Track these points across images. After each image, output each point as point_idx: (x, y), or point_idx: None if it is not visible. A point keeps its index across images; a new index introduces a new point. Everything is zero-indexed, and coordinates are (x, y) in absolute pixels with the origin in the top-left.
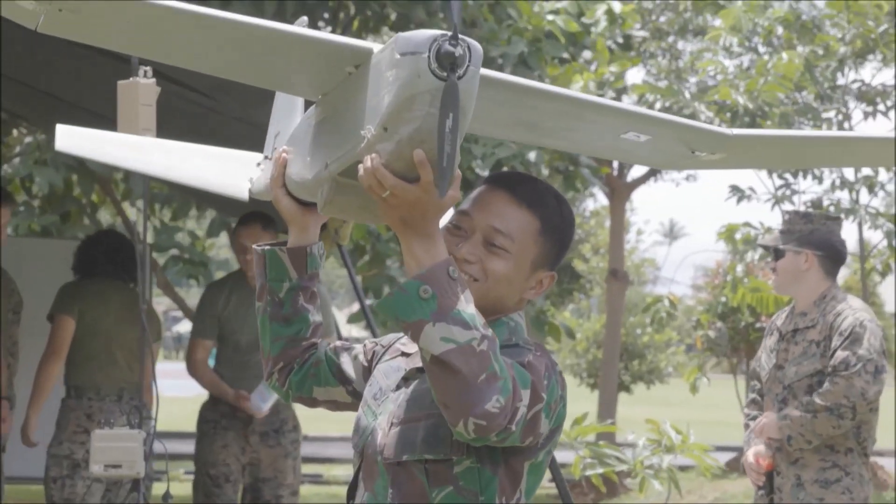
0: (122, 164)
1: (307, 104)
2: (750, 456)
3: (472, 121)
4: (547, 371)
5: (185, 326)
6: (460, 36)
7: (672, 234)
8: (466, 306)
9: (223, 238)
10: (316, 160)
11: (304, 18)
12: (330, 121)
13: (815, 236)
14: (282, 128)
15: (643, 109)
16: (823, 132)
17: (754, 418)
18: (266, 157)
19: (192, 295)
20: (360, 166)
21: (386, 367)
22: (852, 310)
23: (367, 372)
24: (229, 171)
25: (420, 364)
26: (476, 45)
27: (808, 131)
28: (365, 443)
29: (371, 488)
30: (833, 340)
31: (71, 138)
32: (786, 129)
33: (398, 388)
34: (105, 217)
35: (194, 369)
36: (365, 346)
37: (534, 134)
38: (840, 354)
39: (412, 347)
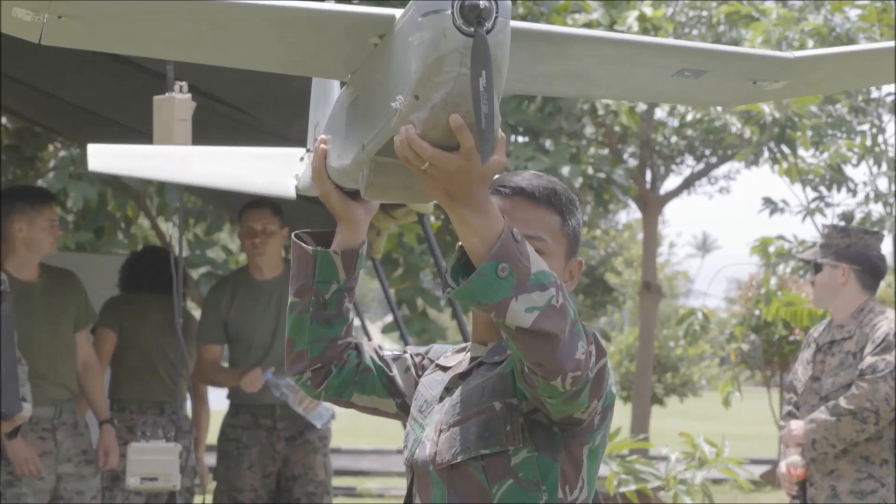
0: (159, 177)
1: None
2: (783, 466)
3: (515, 79)
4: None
5: None
6: None
7: (705, 246)
8: (538, 265)
9: None
10: (353, 143)
11: None
12: (362, 99)
13: (851, 250)
14: (320, 117)
15: (696, 44)
16: (879, 44)
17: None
18: (308, 150)
19: None
20: (396, 138)
21: (429, 380)
22: (889, 321)
23: (417, 386)
24: (273, 170)
25: (461, 370)
26: None
27: (870, 44)
28: (413, 456)
29: (427, 499)
30: (868, 349)
31: (103, 157)
32: (852, 46)
33: (441, 398)
34: (139, 232)
35: (201, 376)
36: (414, 359)
37: (582, 84)
38: (869, 360)
39: (450, 361)
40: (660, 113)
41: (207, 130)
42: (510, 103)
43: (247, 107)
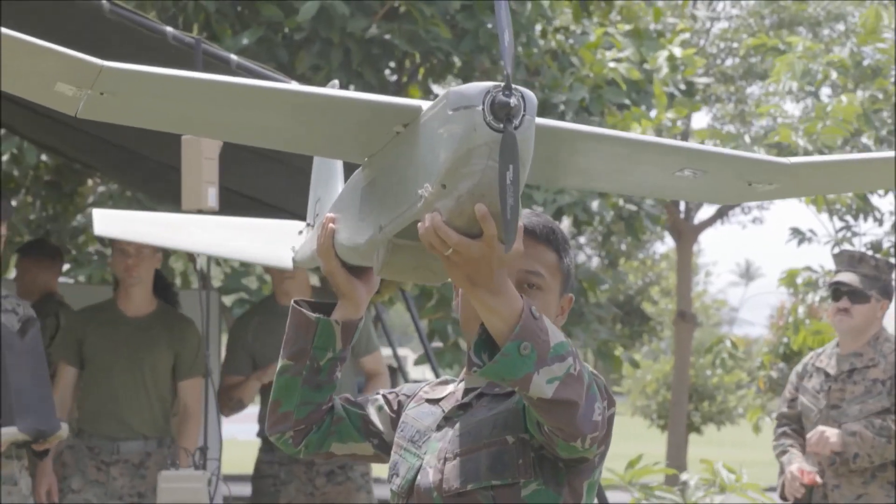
0: (162, 244)
1: (347, 169)
2: (794, 469)
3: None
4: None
5: None
6: (513, 85)
7: (748, 274)
8: (555, 337)
9: None
10: (368, 223)
11: (336, 82)
12: (380, 182)
13: (891, 287)
14: (322, 193)
15: (696, 145)
16: (877, 154)
17: (792, 444)
18: (309, 225)
19: None
20: (420, 225)
21: (416, 412)
22: None
23: (395, 422)
24: (271, 241)
25: (459, 402)
26: (530, 94)
27: (861, 154)
28: (412, 483)
29: None
30: None
31: (109, 223)
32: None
33: (440, 427)
34: (177, 265)
35: (223, 400)
36: (386, 397)
37: (587, 179)
38: None
39: (437, 393)
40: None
41: (236, 166)
42: None
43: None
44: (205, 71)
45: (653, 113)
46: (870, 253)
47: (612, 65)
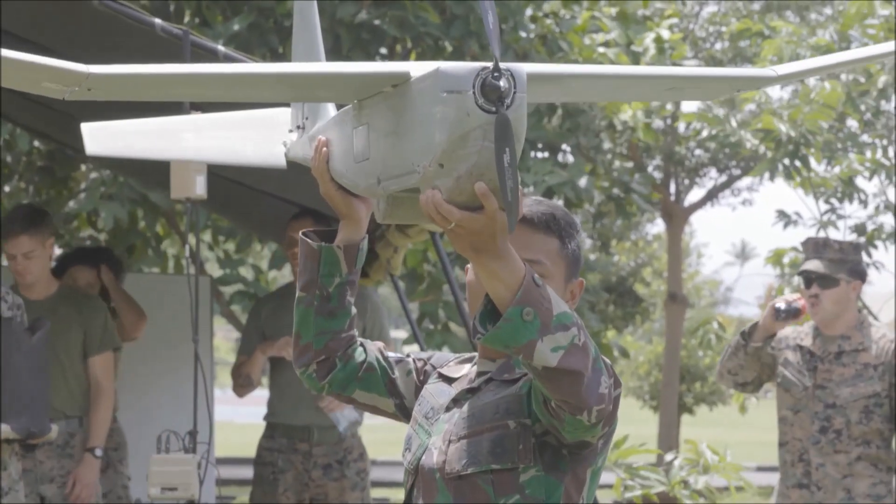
0: (154, 156)
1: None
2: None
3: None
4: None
5: None
6: (501, 65)
7: (744, 254)
8: (558, 306)
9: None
10: (363, 169)
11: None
12: (373, 134)
13: (860, 267)
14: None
15: (684, 70)
16: (855, 52)
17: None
18: (299, 127)
19: None
20: (422, 198)
21: (434, 388)
22: None
23: (417, 390)
24: (262, 138)
25: (469, 386)
26: (518, 70)
27: (841, 54)
28: (419, 461)
29: None
30: None
31: (100, 139)
32: (825, 57)
33: (448, 409)
34: (172, 249)
35: (235, 380)
36: (416, 364)
37: (580, 96)
38: None
39: (454, 371)
40: (682, 127)
41: None
42: (529, 119)
43: None
44: (193, 61)
45: None
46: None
47: (600, 50)
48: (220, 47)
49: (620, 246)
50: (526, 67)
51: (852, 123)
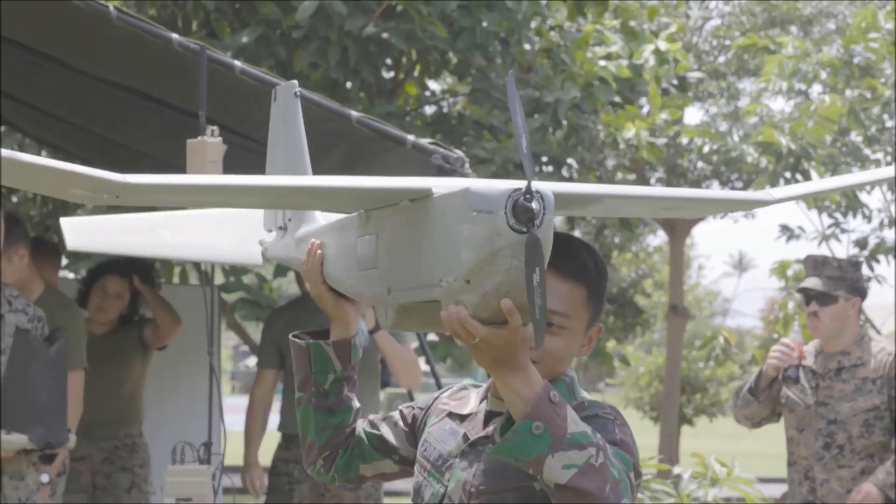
0: (135, 253)
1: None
2: (782, 341)
3: None
4: (633, 439)
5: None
6: (533, 187)
7: (741, 265)
8: (576, 426)
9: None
10: (370, 278)
11: (294, 82)
12: (384, 246)
13: (859, 284)
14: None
15: (682, 191)
16: (853, 177)
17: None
18: (280, 228)
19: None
20: (444, 315)
21: (437, 430)
22: None
23: (409, 436)
24: (239, 235)
25: (483, 434)
26: (548, 193)
27: (831, 179)
28: None
29: None
30: None
31: (80, 234)
32: (822, 181)
33: (464, 453)
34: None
35: (249, 401)
36: (402, 412)
37: (582, 212)
38: None
39: (462, 408)
40: (684, 140)
41: (241, 167)
42: (535, 135)
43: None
44: (209, 75)
45: (645, 110)
46: (855, 251)
47: (602, 63)
48: (237, 63)
49: (622, 258)
50: (551, 187)
51: (857, 138)
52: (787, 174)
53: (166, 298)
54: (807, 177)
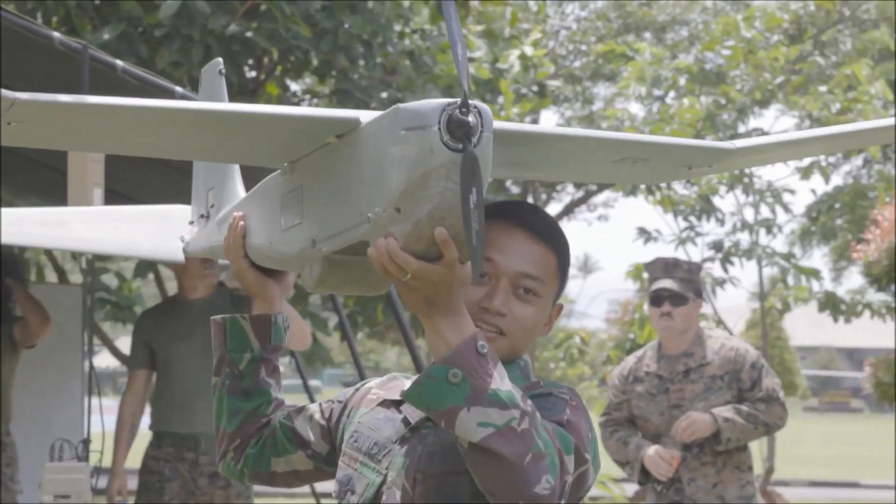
0: (50, 246)
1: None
2: (651, 451)
3: None
4: (587, 424)
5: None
6: (470, 101)
7: (586, 268)
8: (501, 383)
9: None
10: (295, 234)
11: (219, 60)
12: (309, 193)
13: (700, 287)
14: (216, 183)
15: (638, 136)
16: (821, 130)
17: (631, 434)
18: (202, 216)
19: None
20: (372, 251)
21: (370, 419)
22: (741, 344)
23: (325, 431)
24: (158, 232)
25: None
26: (486, 108)
27: (807, 131)
28: (370, 501)
29: None
30: (746, 372)
31: (8, 228)
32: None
33: (404, 439)
34: (42, 257)
35: (120, 405)
36: (320, 405)
37: (526, 170)
38: (768, 382)
39: (393, 394)
40: None
41: (117, 168)
42: None
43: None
44: (91, 76)
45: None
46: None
47: None
48: (119, 62)
49: None
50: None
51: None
52: None
53: (36, 297)
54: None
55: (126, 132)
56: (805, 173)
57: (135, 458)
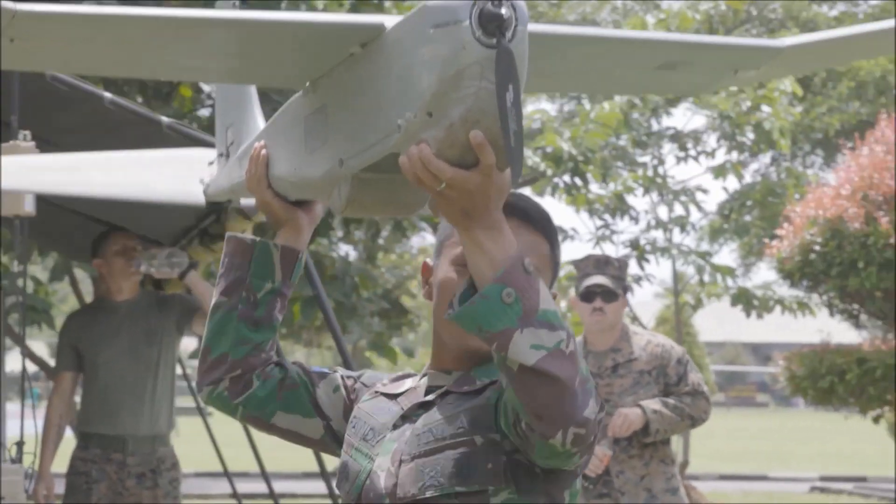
0: (63, 191)
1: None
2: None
3: None
4: None
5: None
6: None
7: None
8: (548, 303)
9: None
10: (321, 156)
11: None
12: (334, 110)
13: (627, 284)
14: (234, 119)
15: (681, 36)
16: (873, 25)
17: None
18: (222, 155)
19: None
20: (403, 159)
21: (371, 406)
22: (666, 340)
23: (348, 411)
24: (177, 175)
25: (421, 400)
26: (520, 2)
27: (855, 27)
28: (361, 489)
29: None
30: (672, 367)
31: (16, 174)
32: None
33: (396, 426)
34: None
35: (47, 408)
36: (345, 381)
37: (561, 82)
38: (693, 377)
39: (396, 388)
40: None
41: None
42: None
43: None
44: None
45: None
46: (627, 251)
47: None
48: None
49: (386, 259)
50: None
51: (624, 142)
52: (567, 178)
53: None
54: (584, 180)
55: (138, 49)
56: (718, 172)
57: (61, 462)
